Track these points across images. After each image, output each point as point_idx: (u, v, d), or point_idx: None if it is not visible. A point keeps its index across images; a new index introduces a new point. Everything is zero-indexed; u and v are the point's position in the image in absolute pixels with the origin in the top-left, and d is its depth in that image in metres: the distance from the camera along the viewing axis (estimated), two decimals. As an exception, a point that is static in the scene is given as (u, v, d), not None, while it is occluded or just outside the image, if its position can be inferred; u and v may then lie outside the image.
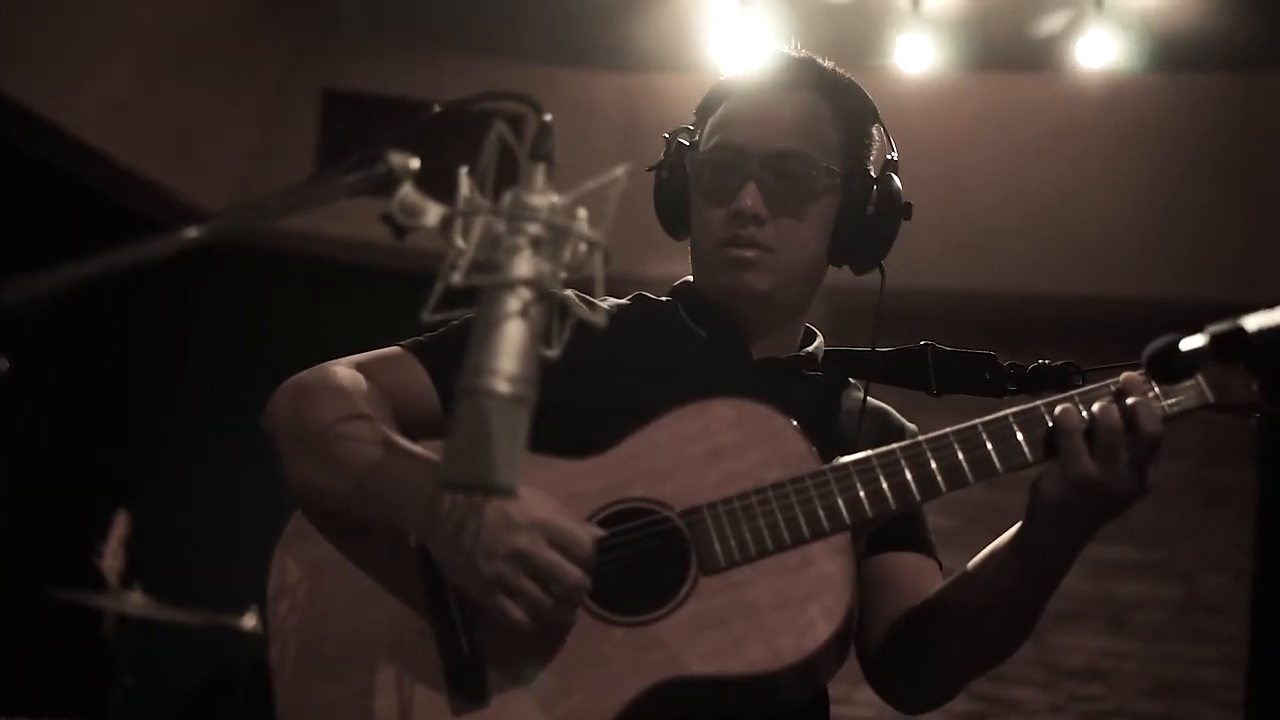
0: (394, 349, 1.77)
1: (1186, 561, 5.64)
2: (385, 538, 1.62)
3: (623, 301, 1.88)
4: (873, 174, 1.81)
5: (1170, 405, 1.58)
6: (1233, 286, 5.18)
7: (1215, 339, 1.22)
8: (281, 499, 1.70)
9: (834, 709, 1.82)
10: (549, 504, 1.54)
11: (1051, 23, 5.07)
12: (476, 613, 1.56)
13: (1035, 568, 1.63)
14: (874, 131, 1.85)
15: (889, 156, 1.84)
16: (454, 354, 1.27)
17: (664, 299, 1.90)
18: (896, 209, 1.82)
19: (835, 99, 1.83)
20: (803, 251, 1.79)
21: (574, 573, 1.51)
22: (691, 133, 1.86)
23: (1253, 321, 1.19)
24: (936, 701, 1.80)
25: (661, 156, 1.88)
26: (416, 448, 1.61)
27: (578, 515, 1.58)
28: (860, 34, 5.06)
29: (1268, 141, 5.35)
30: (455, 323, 1.54)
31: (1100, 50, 5.02)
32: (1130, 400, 1.52)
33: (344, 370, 1.72)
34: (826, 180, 1.78)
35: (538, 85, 5.47)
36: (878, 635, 1.77)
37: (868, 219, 1.80)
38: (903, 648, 1.76)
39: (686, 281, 1.90)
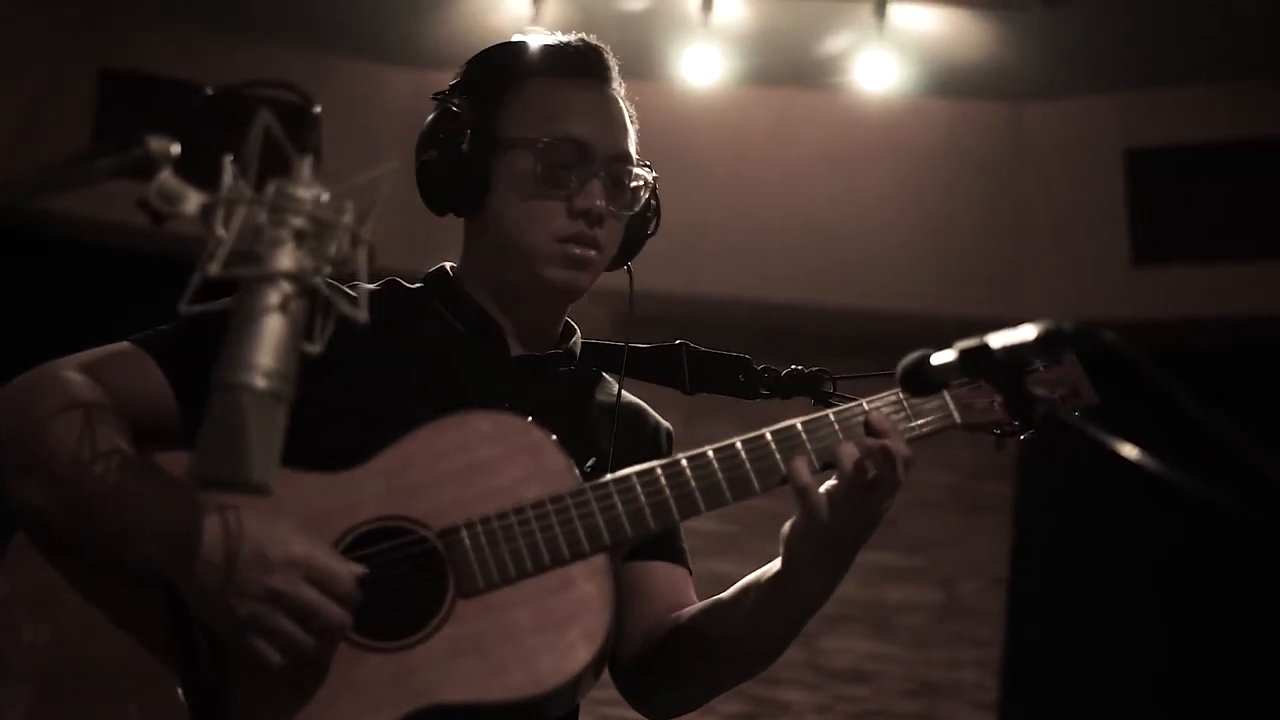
0: (124, 345, 1.65)
1: (948, 568, 5.84)
2: (117, 561, 1.51)
3: (373, 287, 1.76)
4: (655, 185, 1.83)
5: (920, 425, 1.65)
6: (992, 304, 5.39)
7: (963, 354, 1.28)
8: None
9: (607, 710, 1.83)
10: (305, 539, 1.47)
11: (835, 42, 5.20)
12: (224, 640, 1.49)
13: (791, 604, 1.68)
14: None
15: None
16: (190, 349, 1.22)
17: (416, 286, 1.84)
18: (657, 218, 1.86)
19: (628, 98, 1.83)
20: (612, 253, 1.80)
21: (335, 611, 1.46)
22: (484, 104, 1.77)
23: (997, 339, 1.25)
24: (684, 710, 1.83)
25: (432, 125, 1.77)
26: (159, 471, 1.51)
27: (330, 534, 1.52)
28: (649, 43, 5.10)
29: (1032, 168, 5.60)
30: (190, 315, 1.48)
31: (880, 72, 5.17)
32: (875, 442, 1.57)
33: (72, 374, 1.59)
34: (643, 190, 1.80)
35: (329, 76, 5.38)
36: (630, 644, 1.77)
37: (643, 227, 1.84)
38: (658, 659, 1.77)
39: (442, 268, 1.85)
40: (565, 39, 1.84)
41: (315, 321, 1.15)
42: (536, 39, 1.85)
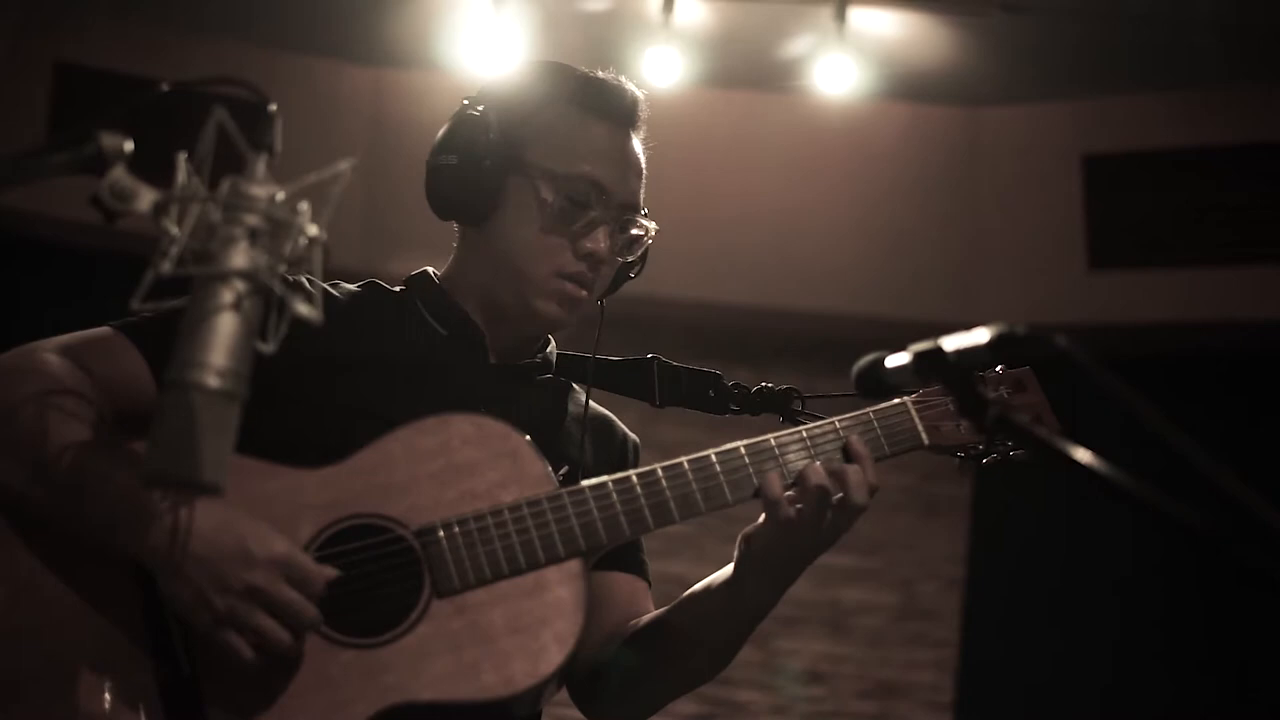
0: (105, 330, 1.65)
1: (904, 569, 5.86)
2: (95, 548, 1.51)
3: (354, 288, 1.81)
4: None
5: (888, 446, 1.68)
6: (948, 308, 5.42)
7: (917, 357, 1.28)
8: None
9: (562, 711, 1.84)
10: (286, 538, 1.48)
11: (795, 46, 5.22)
12: (197, 633, 1.49)
13: (745, 608, 1.71)
14: None
15: None
16: (171, 336, 1.22)
17: (398, 289, 1.85)
18: (642, 265, 1.88)
19: (645, 144, 1.85)
20: (598, 295, 1.82)
21: (311, 611, 1.47)
22: (512, 122, 1.77)
23: (950, 342, 1.26)
24: (638, 718, 1.85)
25: (458, 130, 1.77)
26: (139, 458, 1.51)
27: (309, 530, 1.53)
28: (610, 44, 5.10)
29: (989, 172, 5.64)
30: (172, 304, 1.48)
31: (839, 76, 5.18)
32: (846, 467, 1.61)
33: (52, 357, 1.58)
34: (644, 240, 1.82)
35: (286, 73, 5.35)
36: (586, 651, 1.76)
37: (627, 269, 1.86)
38: (613, 667, 1.78)
39: (425, 273, 1.86)
40: (604, 75, 1.84)
41: (269, 320, 1.15)
42: (575, 68, 1.84)
